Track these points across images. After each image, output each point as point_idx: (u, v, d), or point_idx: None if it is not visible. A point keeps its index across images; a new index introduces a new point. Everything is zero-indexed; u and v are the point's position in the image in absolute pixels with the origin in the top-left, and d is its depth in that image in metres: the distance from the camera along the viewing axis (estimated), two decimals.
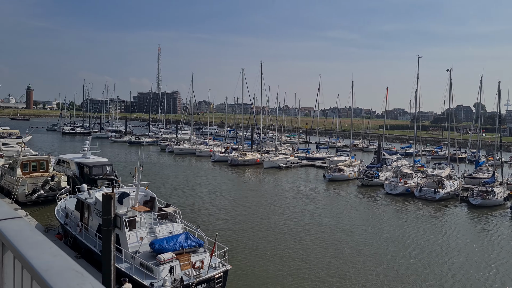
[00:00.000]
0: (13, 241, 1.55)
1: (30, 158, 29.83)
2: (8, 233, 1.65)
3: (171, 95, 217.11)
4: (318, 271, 18.27)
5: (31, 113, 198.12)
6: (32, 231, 1.68)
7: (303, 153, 61.90)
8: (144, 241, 15.49)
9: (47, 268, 1.29)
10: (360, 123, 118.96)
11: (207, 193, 34.39)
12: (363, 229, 25.54)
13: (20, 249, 1.46)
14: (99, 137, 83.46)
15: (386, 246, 22.16)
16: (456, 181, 39.05)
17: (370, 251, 21.19)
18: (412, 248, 22.09)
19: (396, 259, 20.17)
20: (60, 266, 1.31)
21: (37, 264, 1.32)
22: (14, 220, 1.81)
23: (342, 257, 20.12)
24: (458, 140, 66.27)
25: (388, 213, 30.60)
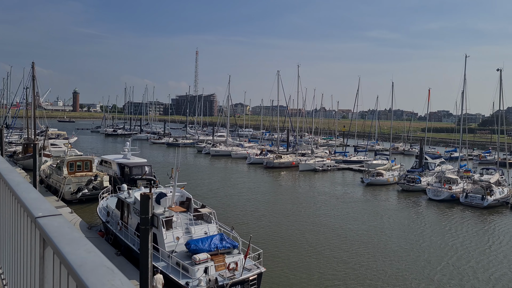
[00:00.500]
0: (52, 237, 1.65)
1: (76, 158, 31.34)
2: (48, 230, 1.75)
3: (208, 97, 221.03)
4: (353, 276, 17.68)
5: (77, 116, 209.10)
6: (70, 228, 1.77)
7: (340, 156, 60.65)
8: (180, 241, 15.71)
9: (81, 263, 1.36)
10: (400, 126, 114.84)
11: (242, 195, 34.49)
12: (402, 235, 24.48)
13: (58, 245, 1.56)
14: (139, 138, 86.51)
15: (427, 254, 21.06)
16: (506, 187, 36.61)
17: (409, 258, 20.23)
18: (456, 257, 20.86)
19: (438, 268, 19.10)
20: (93, 262, 1.38)
21: (73, 259, 1.40)
22: (54, 217, 1.93)
23: (378, 263, 19.36)
24: (508, 144, 62.08)
25: (431, 219, 29.15)
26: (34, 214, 2.03)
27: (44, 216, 1.96)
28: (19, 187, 2.68)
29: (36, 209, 2.11)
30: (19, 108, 66.39)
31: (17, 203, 2.61)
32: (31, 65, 42.45)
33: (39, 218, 1.95)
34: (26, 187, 2.68)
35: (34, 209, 2.11)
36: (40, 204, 2.22)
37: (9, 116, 71.44)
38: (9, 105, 74.20)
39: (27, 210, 2.22)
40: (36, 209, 2.10)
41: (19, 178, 3.02)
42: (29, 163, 34.79)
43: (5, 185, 3.11)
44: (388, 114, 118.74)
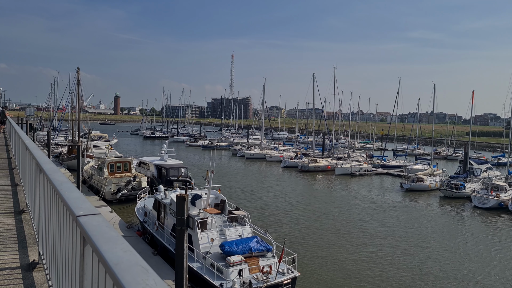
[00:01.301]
0: (91, 236, 1.71)
1: (116, 160, 32.55)
2: (88, 228, 1.82)
3: (243, 100, 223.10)
4: (390, 284, 17.00)
5: (117, 119, 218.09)
6: (108, 227, 1.82)
7: (378, 161, 58.95)
8: (215, 243, 15.85)
9: (118, 262, 1.39)
10: (443, 129, 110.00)
11: (276, 198, 34.32)
12: (444, 243, 23.30)
13: (96, 244, 1.61)
14: (175, 141, 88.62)
15: (470, 264, 19.90)
16: None
17: (450, 268, 19.20)
18: (499, 267, 19.54)
19: (478, 278, 17.97)
20: (129, 261, 1.41)
21: (110, 258, 1.44)
22: (94, 216, 1.99)
23: (417, 271, 18.52)
24: None
25: (476, 228, 27.58)
26: (75, 213, 2.09)
27: (85, 215, 2.02)
28: (62, 187, 2.77)
29: (77, 208, 2.17)
30: (65, 111, 70.11)
31: (60, 202, 2.70)
32: (76, 71, 44.74)
33: (79, 216, 2.01)
34: (68, 187, 2.77)
35: (75, 208, 2.17)
36: (81, 203, 2.28)
37: (55, 119, 75.66)
38: (56, 109, 78.60)
39: (69, 209, 2.29)
40: (77, 208, 2.16)
41: (63, 178, 3.12)
42: (73, 163, 36.51)
43: (50, 185, 3.23)
44: (430, 117, 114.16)
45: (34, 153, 4.71)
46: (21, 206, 6.39)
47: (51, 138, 43.20)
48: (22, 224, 5.42)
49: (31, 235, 4.95)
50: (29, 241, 4.75)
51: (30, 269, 3.90)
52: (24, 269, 3.92)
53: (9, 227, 5.27)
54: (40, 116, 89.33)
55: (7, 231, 5.08)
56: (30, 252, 4.36)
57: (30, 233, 5.05)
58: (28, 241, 4.73)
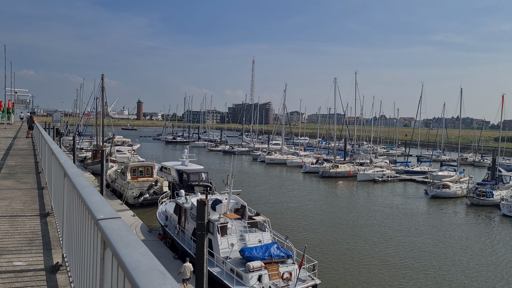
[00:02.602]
0: (111, 239, 1.72)
1: (138, 164, 33.12)
2: (108, 232, 1.83)
3: (264, 106, 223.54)
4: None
5: (140, 124, 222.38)
6: (127, 231, 1.83)
7: (401, 167, 57.65)
8: (235, 248, 15.82)
9: (136, 266, 1.40)
10: (470, 135, 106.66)
11: (297, 204, 34.03)
12: (472, 253, 22.44)
13: (116, 247, 1.62)
14: (196, 146, 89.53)
15: (501, 274, 19.04)
16: None
17: (480, 278, 18.43)
18: None
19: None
20: (147, 265, 1.41)
21: (128, 262, 1.45)
22: (114, 220, 2.02)
23: (443, 282, 17.86)
24: None
25: (505, 238, 26.46)
26: (96, 216, 2.10)
27: (105, 219, 2.03)
28: (85, 190, 2.81)
29: (98, 211, 2.19)
30: (90, 117, 72.09)
31: (83, 205, 2.74)
32: (101, 77, 45.94)
33: (100, 220, 2.02)
34: (90, 191, 2.80)
35: (96, 212, 2.19)
36: (101, 207, 2.30)
37: (81, 124, 77.87)
38: (81, 114, 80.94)
39: (90, 212, 2.31)
40: (98, 212, 2.18)
41: (85, 182, 3.17)
42: (97, 168, 37.40)
43: (73, 188, 3.29)
44: (456, 122, 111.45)
45: (59, 157, 4.82)
46: (47, 209, 6.55)
47: (76, 143, 44.45)
48: (47, 227, 5.55)
49: (55, 238, 5.06)
50: (54, 243, 4.85)
51: (54, 271, 3.97)
52: (48, 271, 3.99)
53: (35, 229, 5.40)
54: (66, 122, 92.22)
55: (32, 233, 5.21)
56: (54, 255, 4.44)
57: (55, 235, 5.16)
58: (52, 244, 4.83)
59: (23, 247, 4.63)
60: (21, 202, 6.98)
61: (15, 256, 4.32)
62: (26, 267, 4.04)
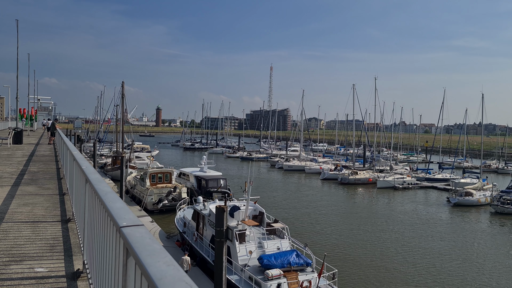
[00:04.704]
0: (134, 248, 1.67)
1: (157, 171, 33.41)
2: (131, 240, 1.78)
3: (282, 112, 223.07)
4: None
5: (159, 130, 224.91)
6: (151, 239, 1.78)
7: (422, 174, 56.31)
8: (253, 255, 15.64)
9: (161, 277, 1.34)
10: (493, 141, 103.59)
11: (316, 211, 33.58)
12: (496, 263, 21.55)
13: (140, 256, 1.56)
14: (214, 152, 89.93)
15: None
16: None
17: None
18: None
19: None
20: (173, 276, 1.35)
21: (153, 272, 1.39)
22: (137, 228, 1.97)
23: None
24: None
25: None
26: (118, 224, 2.06)
27: (128, 226, 1.99)
28: (107, 197, 2.77)
29: (120, 218, 2.14)
30: (110, 124, 73.50)
31: (104, 212, 2.70)
32: (121, 84, 46.87)
33: (123, 227, 1.98)
34: (112, 197, 2.75)
35: (119, 219, 2.15)
36: (124, 213, 2.25)
37: (101, 131, 79.48)
38: (102, 121, 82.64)
39: (112, 219, 2.27)
40: (120, 219, 2.13)
41: (107, 188, 3.13)
42: (117, 174, 37.94)
43: (95, 194, 3.25)
44: (478, 128, 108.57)
45: (81, 163, 4.82)
46: (68, 215, 6.58)
47: (97, 149, 45.31)
48: (68, 233, 5.56)
49: (76, 244, 5.05)
50: (75, 250, 4.83)
51: (75, 278, 3.93)
52: (69, 278, 3.95)
53: (56, 235, 5.42)
54: (87, 128, 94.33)
55: (54, 239, 5.22)
56: (75, 261, 4.42)
57: (76, 242, 5.15)
58: (73, 250, 4.81)
59: (44, 253, 4.63)
60: (43, 208, 7.05)
61: (36, 262, 4.31)
62: (47, 273, 4.02)
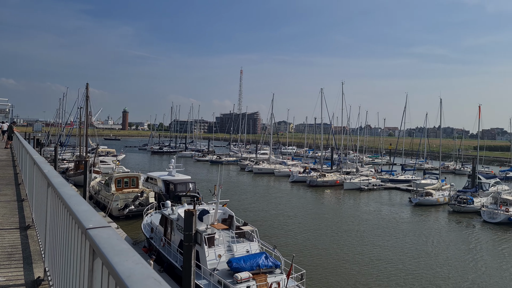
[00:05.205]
0: (102, 248, 1.68)
1: (123, 175, 32.52)
2: (98, 241, 1.79)
3: (252, 115, 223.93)
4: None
5: (125, 134, 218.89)
6: (118, 239, 1.79)
7: (386, 175, 58.34)
8: (222, 259, 15.60)
9: (130, 274, 1.36)
10: (451, 144, 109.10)
11: (285, 213, 33.94)
12: (454, 259, 22.70)
13: (107, 256, 1.57)
14: (183, 156, 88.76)
15: (489, 282, 19.29)
16: None
17: (466, 286, 18.64)
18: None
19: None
20: (141, 273, 1.37)
21: (121, 270, 1.40)
22: (104, 229, 1.98)
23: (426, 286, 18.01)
24: None
25: (486, 243, 26.94)
26: (85, 226, 2.06)
27: (94, 228, 1.99)
28: (72, 200, 2.75)
29: (86, 220, 2.15)
30: (73, 127, 70.66)
31: (69, 215, 2.67)
32: (85, 86, 45.32)
33: (89, 229, 1.98)
34: (78, 200, 2.74)
35: (85, 221, 2.15)
36: (91, 216, 2.26)
37: (63, 134, 76.30)
38: (64, 124, 79.34)
39: (78, 221, 2.26)
40: (86, 221, 2.14)
41: (71, 191, 3.08)
42: (80, 179, 36.56)
43: (59, 198, 3.19)
44: (437, 131, 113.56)
45: (43, 167, 4.67)
46: (27, 221, 6.32)
47: (58, 153, 43.45)
48: (27, 240, 5.34)
49: (36, 251, 4.87)
50: (34, 257, 4.66)
51: (35, 286, 3.81)
52: (29, 286, 3.82)
53: (14, 243, 5.19)
54: (47, 132, 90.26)
55: (12, 247, 5.00)
56: (35, 269, 4.27)
57: (36, 249, 4.97)
58: (33, 257, 4.64)
59: (1, 262, 4.44)
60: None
61: None
62: (5, 283, 3.87)
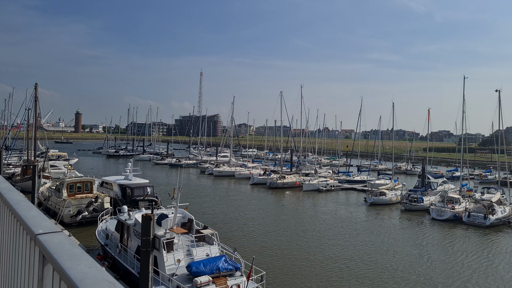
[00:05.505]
0: (52, 254, 1.64)
1: (75, 180, 31.08)
2: (49, 246, 1.74)
3: (212, 118, 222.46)
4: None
5: (79, 137, 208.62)
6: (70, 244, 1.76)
7: (343, 176, 60.35)
8: (181, 264, 15.41)
9: (82, 278, 1.34)
10: (403, 146, 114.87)
11: (245, 216, 34.10)
12: (405, 255, 23.99)
13: (59, 261, 1.53)
14: (141, 159, 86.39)
15: (434, 274, 20.57)
16: (507, 206, 36.34)
17: (417, 279, 19.74)
18: (462, 276, 20.36)
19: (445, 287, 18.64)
20: (95, 276, 1.36)
21: (74, 274, 1.38)
22: (55, 234, 1.93)
23: (384, 283, 18.89)
24: (508, 164, 61.85)
25: (435, 239, 28.69)
26: (34, 231, 2.02)
27: (45, 233, 1.95)
28: (19, 206, 2.66)
29: (36, 226, 2.10)
30: (20, 130, 66.47)
31: (16, 221, 2.59)
32: (34, 86, 42.90)
33: (39, 235, 1.94)
34: (26, 205, 2.66)
35: (34, 227, 2.10)
36: (40, 221, 2.21)
37: (9, 137, 71.54)
38: (10, 127, 74.44)
39: (26, 227, 2.20)
40: (36, 227, 2.09)
41: (19, 197, 2.98)
42: (27, 185, 34.50)
43: (4, 204, 3.07)
44: (390, 134, 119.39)
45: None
46: None
47: (3, 158, 40.77)
48: None
49: None
50: None
51: None
52: None
53: None
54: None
55: None
56: None
57: None
58: None
59: None
60: None
61: None
62: None
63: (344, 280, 19.54)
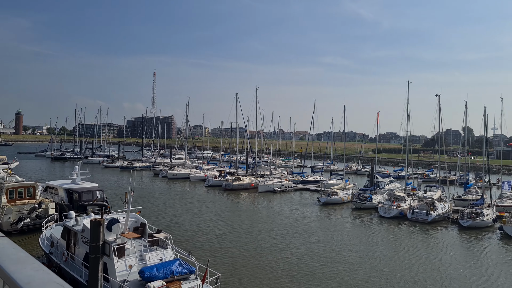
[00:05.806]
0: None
1: (16, 185, 29.05)
2: None
3: (166, 119, 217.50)
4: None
5: (19, 138, 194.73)
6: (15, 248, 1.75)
7: (298, 177, 61.68)
8: (133, 269, 14.96)
9: (29, 281, 1.31)
10: (353, 147, 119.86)
11: (200, 218, 33.77)
12: (356, 251, 25.08)
13: (3, 265, 1.49)
14: (90, 162, 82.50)
15: (380, 267, 21.70)
16: (447, 203, 39.14)
17: (363, 274, 20.69)
18: (404, 268, 21.67)
19: (388, 279, 19.70)
20: (42, 279, 1.34)
21: (19, 278, 1.35)
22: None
23: (337, 278, 19.62)
24: (448, 163, 66.99)
25: (382, 235, 30.23)
26: None
27: None
28: None
29: None
30: None
31: None
32: None
33: None
34: None
35: None
36: None
37: None
38: None
39: None
40: None
41: None
42: None
43: None
44: (342, 135, 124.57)
45: None
46: None
47: None
48: None
49: None
50: None
51: None
52: None
53: None
54: None
55: None
56: None
57: None
58: None
59: None
60: None
61: None
62: None
63: (298, 279, 20.00)
